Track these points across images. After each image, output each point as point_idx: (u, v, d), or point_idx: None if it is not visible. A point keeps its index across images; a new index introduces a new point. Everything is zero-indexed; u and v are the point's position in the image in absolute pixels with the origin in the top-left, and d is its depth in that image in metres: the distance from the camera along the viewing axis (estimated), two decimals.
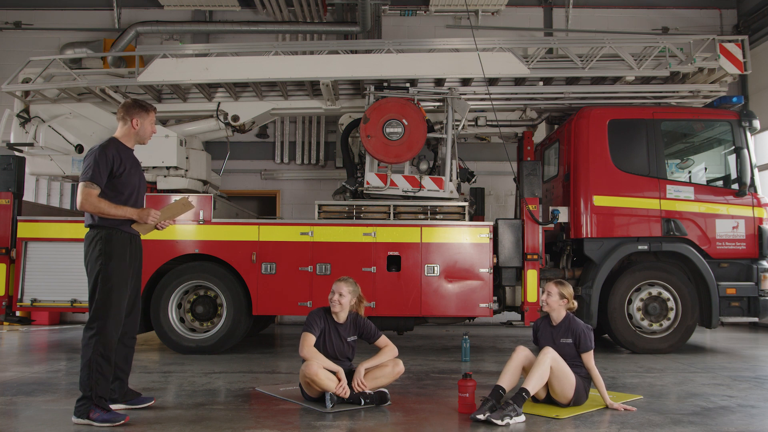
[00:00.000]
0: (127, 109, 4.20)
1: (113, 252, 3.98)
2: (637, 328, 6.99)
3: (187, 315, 6.98)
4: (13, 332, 9.27)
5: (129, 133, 4.19)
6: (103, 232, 3.98)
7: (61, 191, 11.08)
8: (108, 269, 3.94)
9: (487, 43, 7.45)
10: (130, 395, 4.23)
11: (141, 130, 4.21)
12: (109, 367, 3.92)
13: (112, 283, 3.95)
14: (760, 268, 7.00)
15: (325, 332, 4.46)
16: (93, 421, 3.79)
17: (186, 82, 7.56)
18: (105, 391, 3.90)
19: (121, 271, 4.00)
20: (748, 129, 7.16)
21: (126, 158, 4.12)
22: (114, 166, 4.00)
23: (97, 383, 3.84)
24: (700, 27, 11.12)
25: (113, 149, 4.05)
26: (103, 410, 3.84)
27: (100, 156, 3.97)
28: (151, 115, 4.27)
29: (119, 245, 4.02)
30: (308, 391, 4.35)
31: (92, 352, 3.85)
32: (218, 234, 6.93)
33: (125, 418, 3.85)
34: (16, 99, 7.83)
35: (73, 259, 6.91)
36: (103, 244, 3.96)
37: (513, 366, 4.18)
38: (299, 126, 11.21)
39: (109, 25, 11.36)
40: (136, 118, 4.18)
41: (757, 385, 5.29)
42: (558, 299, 4.40)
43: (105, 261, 3.94)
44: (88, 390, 3.83)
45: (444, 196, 7.23)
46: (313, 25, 11.02)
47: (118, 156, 4.04)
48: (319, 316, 4.49)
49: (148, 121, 4.24)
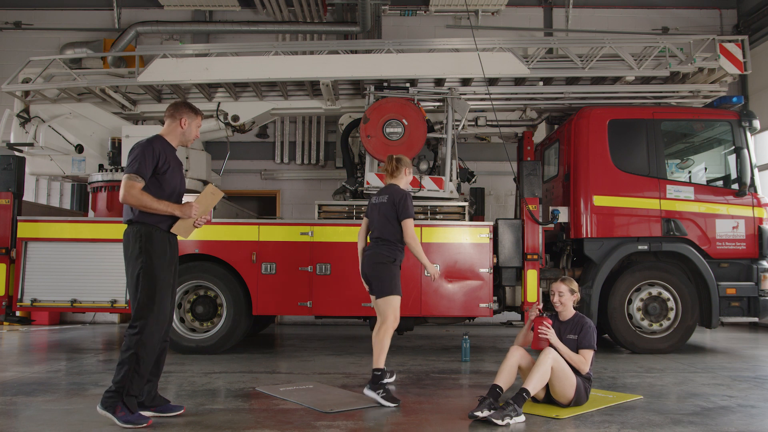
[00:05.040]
0: (177, 108, 4.18)
1: (155, 249, 3.91)
2: (637, 328, 6.99)
3: (187, 315, 6.98)
4: (13, 332, 9.27)
5: (175, 132, 4.16)
6: (143, 228, 3.91)
7: (61, 191, 11.07)
8: (151, 267, 3.88)
9: (487, 43, 7.46)
10: (159, 401, 4.11)
11: (187, 131, 4.18)
12: (147, 367, 3.87)
13: (156, 282, 3.88)
14: (760, 268, 7.00)
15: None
16: (117, 419, 3.75)
17: (186, 82, 7.56)
18: (138, 391, 3.86)
19: (163, 269, 3.93)
20: (748, 129, 7.15)
21: (171, 156, 4.08)
22: (159, 162, 3.95)
23: (131, 381, 3.79)
24: (700, 27, 11.12)
25: (159, 145, 4.01)
26: (130, 411, 3.79)
27: (147, 149, 3.92)
28: (199, 119, 4.25)
29: (160, 243, 3.95)
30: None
31: (133, 351, 3.81)
32: (218, 234, 6.93)
33: (148, 421, 3.81)
34: (16, 99, 7.83)
35: (73, 259, 6.95)
36: (143, 242, 3.89)
37: (509, 365, 4.19)
38: (299, 126, 11.21)
39: (109, 25, 11.36)
40: (186, 117, 4.15)
41: (757, 385, 5.29)
42: (569, 296, 4.46)
43: (147, 259, 3.87)
44: (121, 385, 3.79)
45: (444, 196, 7.23)
46: (313, 25, 11.02)
47: (164, 152, 4.00)
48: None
49: (194, 124, 4.21)
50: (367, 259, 4.86)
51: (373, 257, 4.80)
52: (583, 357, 4.27)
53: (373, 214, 4.95)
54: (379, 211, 4.86)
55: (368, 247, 4.93)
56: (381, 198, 4.92)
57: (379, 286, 4.73)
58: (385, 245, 4.79)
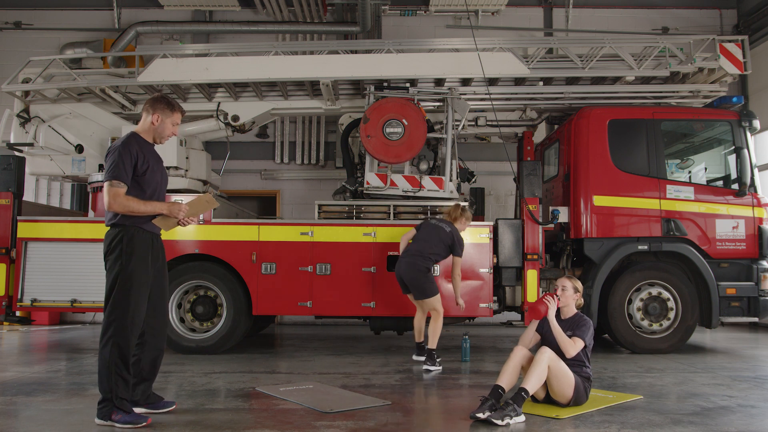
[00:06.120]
0: (152, 103, 4.04)
1: (135, 252, 3.85)
2: (637, 328, 6.99)
3: (187, 315, 6.98)
4: (13, 332, 9.27)
5: (149, 128, 4.06)
6: (124, 231, 3.86)
7: (61, 191, 11.08)
8: (128, 270, 3.82)
9: (487, 43, 7.45)
10: (153, 398, 4.13)
11: (160, 127, 4.03)
12: (128, 368, 3.83)
13: (132, 285, 3.82)
14: (760, 268, 7.00)
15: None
16: (115, 422, 3.75)
17: (186, 82, 7.56)
18: (126, 393, 3.83)
19: (141, 273, 3.88)
20: (748, 129, 7.15)
21: (149, 154, 3.99)
22: (138, 163, 3.87)
23: (117, 385, 3.77)
24: (700, 27, 11.12)
25: (135, 145, 3.90)
26: (125, 412, 3.78)
27: (124, 152, 3.82)
28: (176, 115, 4.08)
29: (141, 245, 3.90)
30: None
31: (110, 355, 3.77)
32: (218, 234, 6.93)
33: (147, 420, 3.81)
34: (16, 99, 7.83)
35: (73, 259, 6.95)
36: (124, 244, 3.83)
37: (512, 365, 4.18)
38: (299, 126, 11.21)
39: (109, 25, 11.36)
40: (159, 113, 4.01)
41: (757, 385, 5.29)
42: (572, 293, 4.47)
43: (125, 261, 3.82)
44: (108, 392, 3.77)
45: (444, 196, 7.23)
46: (313, 25, 11.02)
47: (141, 152, 3.91)
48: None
49: (170, 121, 4.06)
50: (405, 266, 6.04)
51: (413, 266, 5.99)
52: (573, 341, 4.26)
53: (428, 232, 6.12)
54: (438, 235, 6.06)
55: (406, 255, 6.06)
56: (443, 225, 6.15)
57: (421, 290, 6.01)
58: (422, 258, 5.98)
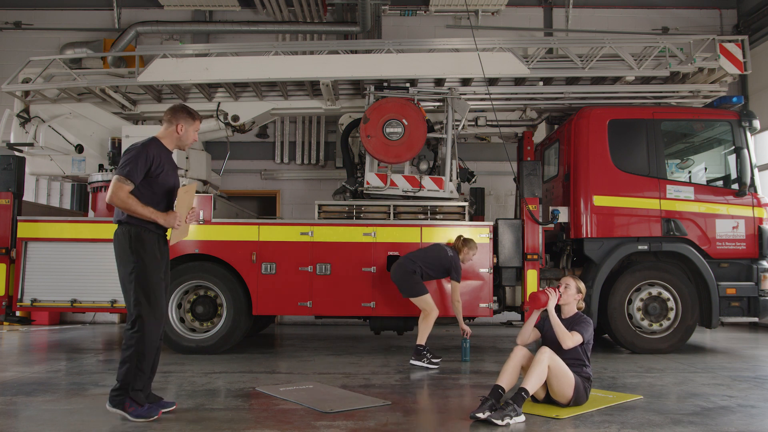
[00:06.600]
0: (174, 113, 4.20)
1: (145, 250, 3.96)
2: (637, 328, 6.99)
3: (187, 315, 6.98)
4: (13, 332, 9.27)
5: (171, 136, 4.19)
6: (133, 229, 3.96)
7: (61, 191, 11.08)
8: (142, 267, 3.93)
9: (487, 43, 7.45)
10: (152, 398, 4.16)
11: (184, 135, 4.21)
12: (148, 363, 3.95)
13: (149, 281, 3.94)
14: (760, 268, 7.00)
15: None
16: (128, 414, 3.84)
17: (186, 82, 7.56)
18: (142, 385, 3.93)
19: (155, 269, 3.99)
20: (748, 129, 7.15)
21: (165, 160, 4.11)
22: (153, 166, 3.98)
23: (135, 377, 3.88)
24: (700, 27, 11.13)
25: (154, 149, 4.04)
26: (139, 405, 3.88)
27: (141, 153, 3.95)
28: (197, 123, 4.29)
29: (150, 243, 4.00)
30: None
31: (134, 349, 3.88)
32: (218, 234, 6.93)
33: (158, 413, 3.91)
34: (16, 99, 7.83)
35: (73, 259, 6.95)
36: (134, 242, 3.94)
37: (512, 365, 4.18)
38: (299, 126, 11.21)
39: (109, 25, 11.36)
40: (182, 123, 4.18)
41: (757, 385, 5.29)
42: (575, 292, 4.49)
43: (138, 259, 3.93)
44: (125, 382, 3.86)
45: (444, 196, 7.23)
46: (313, 25, 11.02)
47: (158, 156, 4.03)
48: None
49: (192, 129, 4.25)
50: (395, 266, 6.37)
51: (400, 266, 6.32)
52: (571, 334, 4.25)
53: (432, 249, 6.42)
54: (438, 255, 6.33)
55: (400, 258, 6.41)
56: (448, 249, 6.41)
57: (407, 289, 6.27)
58: (411, 263, 6.27)
